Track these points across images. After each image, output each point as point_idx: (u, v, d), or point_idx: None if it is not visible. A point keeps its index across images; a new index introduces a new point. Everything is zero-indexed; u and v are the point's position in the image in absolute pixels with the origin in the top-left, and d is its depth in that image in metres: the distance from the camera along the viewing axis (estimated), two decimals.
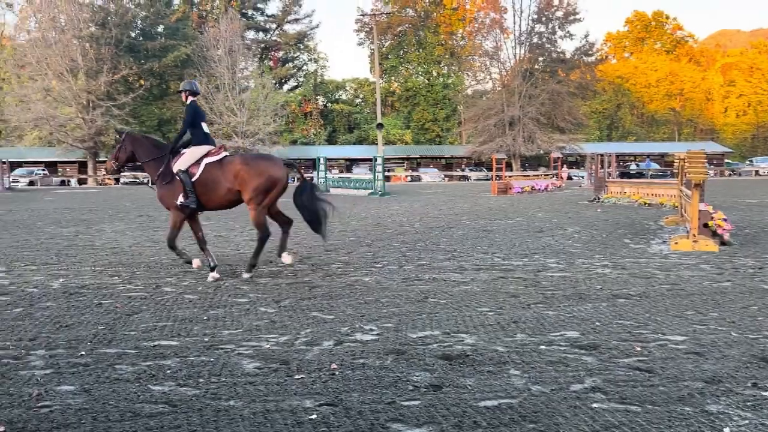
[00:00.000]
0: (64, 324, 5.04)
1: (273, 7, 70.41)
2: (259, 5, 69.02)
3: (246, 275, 7.11)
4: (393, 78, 71.28)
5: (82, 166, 54.79)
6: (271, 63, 69.71)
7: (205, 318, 5.25)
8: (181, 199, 7.01)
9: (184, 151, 7.22)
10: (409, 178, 53.18)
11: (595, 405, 3.30)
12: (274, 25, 70.77)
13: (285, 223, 7.68)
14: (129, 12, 53.64)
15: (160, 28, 56.69)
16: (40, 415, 3.19)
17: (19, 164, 51.79)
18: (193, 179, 6.96)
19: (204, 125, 7.35)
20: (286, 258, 7.42)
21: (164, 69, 54.63)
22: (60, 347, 4.40)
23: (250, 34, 67.18)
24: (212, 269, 7.05)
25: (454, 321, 5.11)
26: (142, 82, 56.11)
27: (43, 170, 52.26)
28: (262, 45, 69.40)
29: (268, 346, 4.45)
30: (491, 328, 4.89)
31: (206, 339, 4.62)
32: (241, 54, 54.73)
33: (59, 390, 3.56)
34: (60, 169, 56.19)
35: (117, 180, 50.69)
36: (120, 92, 50.09)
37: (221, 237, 11.19)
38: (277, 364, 4.04)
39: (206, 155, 7.11)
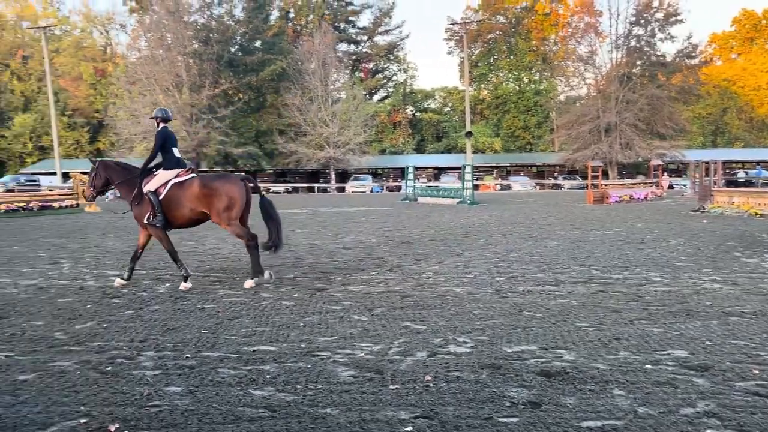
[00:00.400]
0: (171, 327, 5.31)
1: (364, 20, 71.69)
2: (350, 18, 70.56)
3: (250, 283, 7.20)
4: (482, 85, 70.66)
5: None
6: (361, 74, 71.01)
7: (302, 324, 5.37)
8: (149, 218, 7.26)
9: (156, 172, 7.47)
10: (498, 187, 52.37)
11: (709, 431, 3.08)
12: (365, 37, 72.08)
13: (257, 244, 7.65)
14: (229, 29, 56.35)
15: (258, 43, 59.11)
16: (150, 415, 3.37)
17: None
18: (160, 198, 7.23)
19: (175, 150, 7.60)
20: (249, 284, 7.27)
21: (261, 82, 56.89)
22: (167, 349, 4.63)
23: (342, 47, 68.77)
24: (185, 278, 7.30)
25: (551, 336, 4.94)
26: (241, 95, 58.69)
27: None
28: (354, 57, 70.85)
29: (362, 354, 4.48)
30: (591, 345, 4.68)
31: (303, 345, 4.72)
32: (333, 66, 56.14)
33: (167, 391, 3.74)
34: None
35: None
36: (220, 105, 52.67)
37: (315, 245, 11.44)
38: (372, 373, 4.06)
39: (176, 176, 7.38)
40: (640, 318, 5.49)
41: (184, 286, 7.16)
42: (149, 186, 7.30)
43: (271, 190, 52.84)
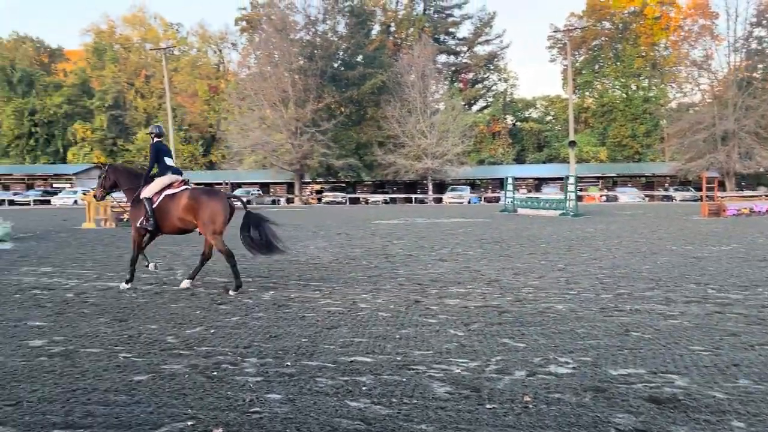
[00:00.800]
0: (273, 334, 5.49)
1: (464, 30, 71.50)
2: (450, 30, 70.69)
3: (232, 293, 7.64)
4: (587, 93, 68.32)
5: (290, 187, 60.25)
6: (461, 85, 70.82)
7: (397, 337, 5.38)
8: (142, 222, 7.98)
9: (158, 182, 8.19)
10: (604, 198, 50.24)
11: None
12: (464, 48, 71.91)
13: (206, 257, 8.46)
14: (333, 44, 58.16)
15: (359, 58, 60.57)
16: (251, 421, 3.48)
17: (239, 185, 58.50)
18: (153, 206, 7.95)
19: (168, 159, 8.36)
20: (186, 283, 8.15)
21: (362, 96, 58.18)
22: (269, 356, 4.79)
23: (442, 58, 68.98)
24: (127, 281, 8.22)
25: (661, 359, 4.64)
26: (343, 109, 60.30)
27: (258, 190, 58.46)
28: (453, 68, 70.85)
29: (458, 370, 4.41)
30: (707, 371, 4.34)
31: (398, 358, 4.72)
32: (432, 78, 56.42)
33: (268, 398, 3.86)
34: (271, 189, 62.40)
35: (319, 200, 54.82)
36: (323, 119, 54.35)
37: (411, 256, 11.47)
38: (468, 390, 3.98)
39: (169, 186, 8.09)
40: (762, 343, 5.04)
41: (123, 286, 8.11)
42: (145, 193, 8.07)
43: (370, 201, 53.72)
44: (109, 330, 5.72)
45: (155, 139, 8.54)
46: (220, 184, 52.26)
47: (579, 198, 31.24)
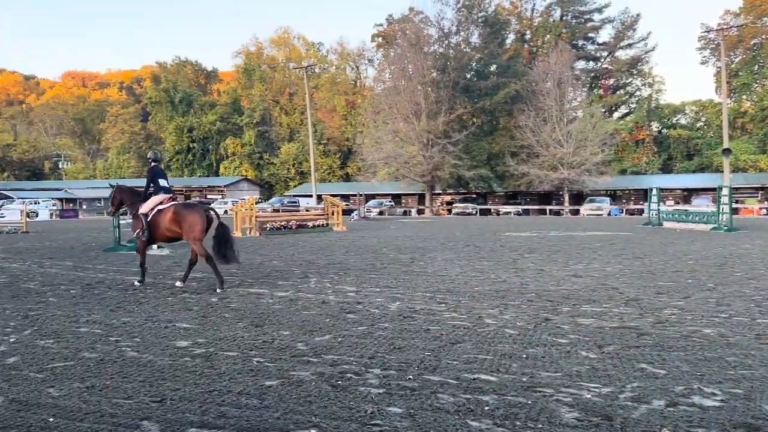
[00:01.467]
0: (397, 346, 5.53)
1: (604, 35, 68.15)
2: (589, 35, 67.85)
3: (219, 290, 8.95)
4: (744, 97, 62.37)
5: (421, 198, 60.87)
6: (600, 91, 67.64)
7: (524, 356, 5.19)
8: (139, 233, 9.61)
9: (152, 200, 9.75)
10: (763, 211, 45.40)
11: None
12: (605, 53, 68.69)
13: (193, 261, 9.73)
14: (465, 56, 58.10)
15: (493, 68, 59.93)
16: None
17: (372, 196, 60.08)
18: (148, 219, 9.51)
19: (162, 181, 9.94)
20: (178, 284, 9.62)
21: (495, 106, 57.48)
22: (392, 368, 4.82)
23: (580, 64, 66.37)
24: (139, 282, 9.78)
25: None
26: (475, 119, 59.93)
27: (390, 202, 59.68)
28: (592, 74, 67.90)
29: (589, 396, 4.16)
30: None
31: (524, 379, 4.55)
32: (569, 85, 54.46)
33: (389, 411, 3.88)
34: (403, 201, 63.42)
35: (449, 211, 54.86)
36: (455, 130, 54.37)
37: (542, 271, 11.07)
38: (599, 418, 3.74)
39: (160, 203, 9.63)
40: None
41: (136, 284, 9.64)
42: (142, 209, 9.66)
43: (501, 212, 52.77)
44: (246, 335, 6.07)
45: (153, 164, 10.23)
46: (355, 195, 54.02)
47: (734, 211, 28.46)
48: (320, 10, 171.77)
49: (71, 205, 62.52)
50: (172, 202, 9.73)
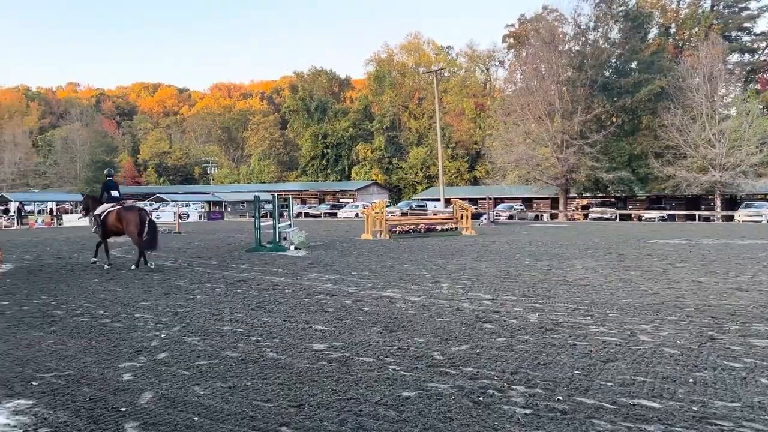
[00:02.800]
0: (541, 362, 5.11)
1: (763, 24, 61.63)
2: (745, 25, 61.68)
3: (133, 267, 12.56)
4: None
5: (553, 202, 58.62)
6: (758, 86, 61.29)
7: (690, 380, 4.57)
8: (95, 229, 13.25)
9: (105, 205, 13.25)
10: None
11: None
12: (763, 44, 62.13)
13: (140, 249, 12.91)
14: (604, 52, 55.18)
15: (634, 64, 56.35)
16: None
17: (501, 200, 58.80)
18: (101, 219, 12.92)
19: (114, 192, 13.54)
20: (134, 266, 12.68)
21: (636, 104, 54.05)
22: (538, 386, 4.42)
23: (734, 57, 60.55)
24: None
25: None
26: (614, 119, 56.74)
27: (521, 206, 58.04)
28: (748, 67, 61.67)
29: None
30: None
31: (695, 408, 3.97)
32: (721, 80, 49.87)
33: None
34: (534, 205, 61.42)
35: (585, 215, 52.34)
36: (591, 130, 51.74)
37: (700, 283, 9.98)
38: None
39: (111, 207, 13.00)
40: None
41: (95, 261, 13.43)
42: (97, 211, 13.16)
43: (643, 218, 49.43)
44: (381, 340, 5.94)
45: (108, 178, 13.91)
46: (483, 199, 53.08)
47: None
48: (451, 14, 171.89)
49: (217, 207, 67.25)
50: (118, 206, 13.08)
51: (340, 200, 72.09)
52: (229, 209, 66.73)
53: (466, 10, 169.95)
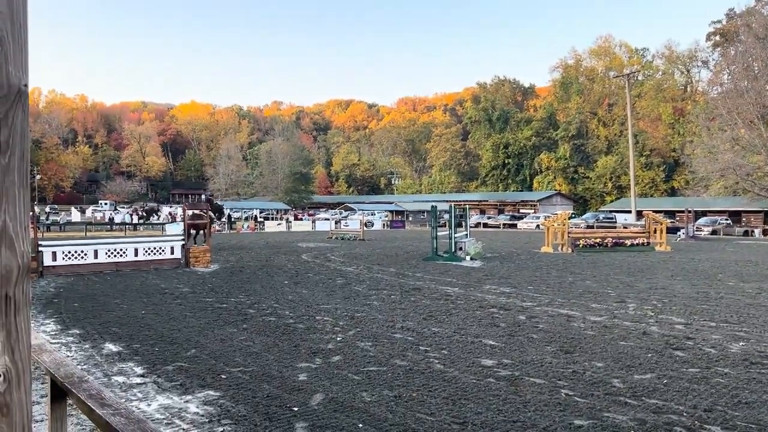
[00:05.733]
0: (743, 400, 4.45)
1: None
2: None
3: None
4: None
5: (767, 217, 51.72)
6: None
7: None
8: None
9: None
10: None
11: None
12: None
13: None
14: None
15: None
16: None
17: (703, 213, 53.11)
18: None
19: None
20: None
21: None
22: (738, 429, 3.84)
23: None
24: None
25: None
26: None
27: (726, 219, 51.93)
28: None
29: None
30: None
31: None
32: None
33: None
34: (743, 219, 54.62)
35: None
36: None
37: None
38: None
39: None
40: None
41: None
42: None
43: None
44: (554, 361, 5.61)
45: None
46: (682, 211, 48.37)
47: None
48: (646, 13, 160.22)
49: (399, 216, 69.47)
50: None
51: (521, 211, 70.44)
52: (410, 218, 68.64)
53: (663, 8, 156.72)
